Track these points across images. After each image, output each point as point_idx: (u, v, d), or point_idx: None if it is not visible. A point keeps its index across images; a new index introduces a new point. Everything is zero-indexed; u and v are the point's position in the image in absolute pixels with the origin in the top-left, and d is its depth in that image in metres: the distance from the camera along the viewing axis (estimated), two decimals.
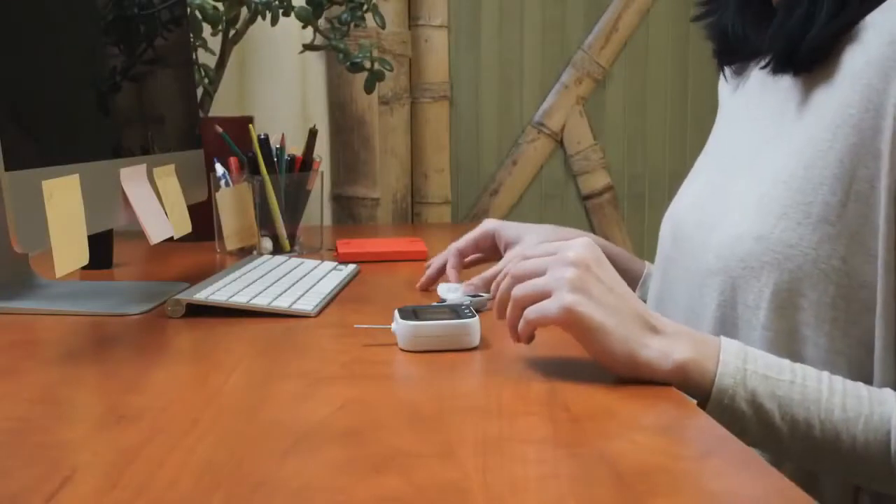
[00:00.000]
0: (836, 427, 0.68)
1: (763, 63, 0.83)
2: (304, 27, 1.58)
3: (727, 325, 0.80)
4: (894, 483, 0.69)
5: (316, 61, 1.79)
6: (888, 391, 0.70)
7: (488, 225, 1.09)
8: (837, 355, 0.73)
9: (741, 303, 0.78)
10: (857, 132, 0.72)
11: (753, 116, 0.87)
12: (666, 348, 0.70)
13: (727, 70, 0.95)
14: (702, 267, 0.83)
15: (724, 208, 0.83)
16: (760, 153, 0.82)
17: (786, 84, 0.82)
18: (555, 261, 0.72)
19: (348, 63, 1.56)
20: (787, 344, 0.74)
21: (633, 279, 1.05)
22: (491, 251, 1.09)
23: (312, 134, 1.41)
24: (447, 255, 1.08)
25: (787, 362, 0.71)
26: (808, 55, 0.78)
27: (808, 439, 0.68)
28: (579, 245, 0.72)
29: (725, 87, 0.97)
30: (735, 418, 0.68)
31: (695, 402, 0.70)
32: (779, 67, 0.81)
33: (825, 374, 0.70)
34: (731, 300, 0.79)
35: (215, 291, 0.98)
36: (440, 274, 1.08)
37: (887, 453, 0.67)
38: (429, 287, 1.09)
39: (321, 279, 1.11)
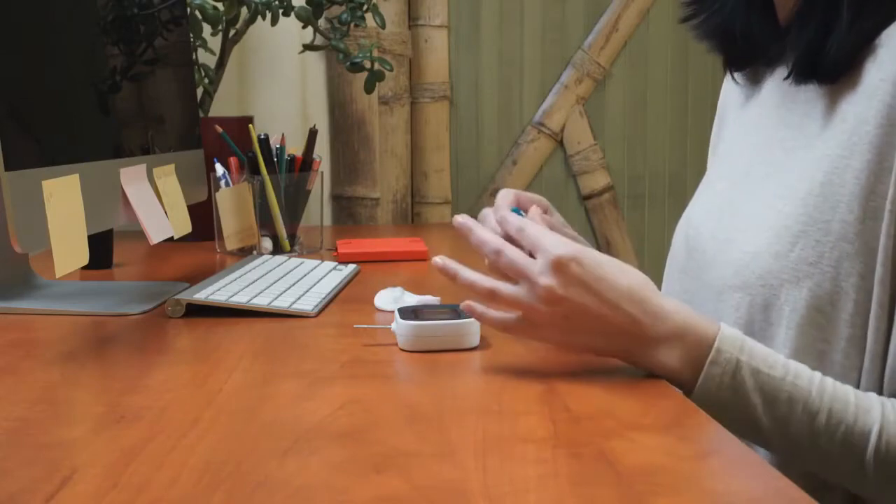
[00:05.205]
0: (818, 430, 0.69)
1: (785, 74, 0.81)
2: (304, 27, 1.58)
3: None
4: (866, 485, 0.70)
5: (316, 61, 1.78)
6: (874, 398, 0.70)
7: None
8: (852, 370, 0.73)
9: (759, 320, 0.77)
10: (872, 149, 0.71)
11: (770, 128, 0.85)
12: (659, 361, 0.71)
13: (739, 77, 0.92)
14: (718, 282, 0.82)
15: (740, 222, 0.82)
16: (778, 167, 0.81)
17: (807, 97, 0.80)
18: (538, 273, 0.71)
19: (348, 63, 1.56)
20: (804, 360, 0.74)
21: None
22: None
23: (312, 134, 1.41)
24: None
25: (781, 358, 0.71)
26: (832, 64, 0.76)
27: (788, 437, 0.70)
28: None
29: (734, 92, 0.95)
30: (719, 406, 0.69)
31: (682, 392, 0.71)
32: (801, 78, 0.79)
33: (817, 375, 0.71)
34: (748, 317, 0.78)
35: (215, 291, 0.98)
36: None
37: (861, 460, 0.68)
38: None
39: (321, 279, 1.11)
